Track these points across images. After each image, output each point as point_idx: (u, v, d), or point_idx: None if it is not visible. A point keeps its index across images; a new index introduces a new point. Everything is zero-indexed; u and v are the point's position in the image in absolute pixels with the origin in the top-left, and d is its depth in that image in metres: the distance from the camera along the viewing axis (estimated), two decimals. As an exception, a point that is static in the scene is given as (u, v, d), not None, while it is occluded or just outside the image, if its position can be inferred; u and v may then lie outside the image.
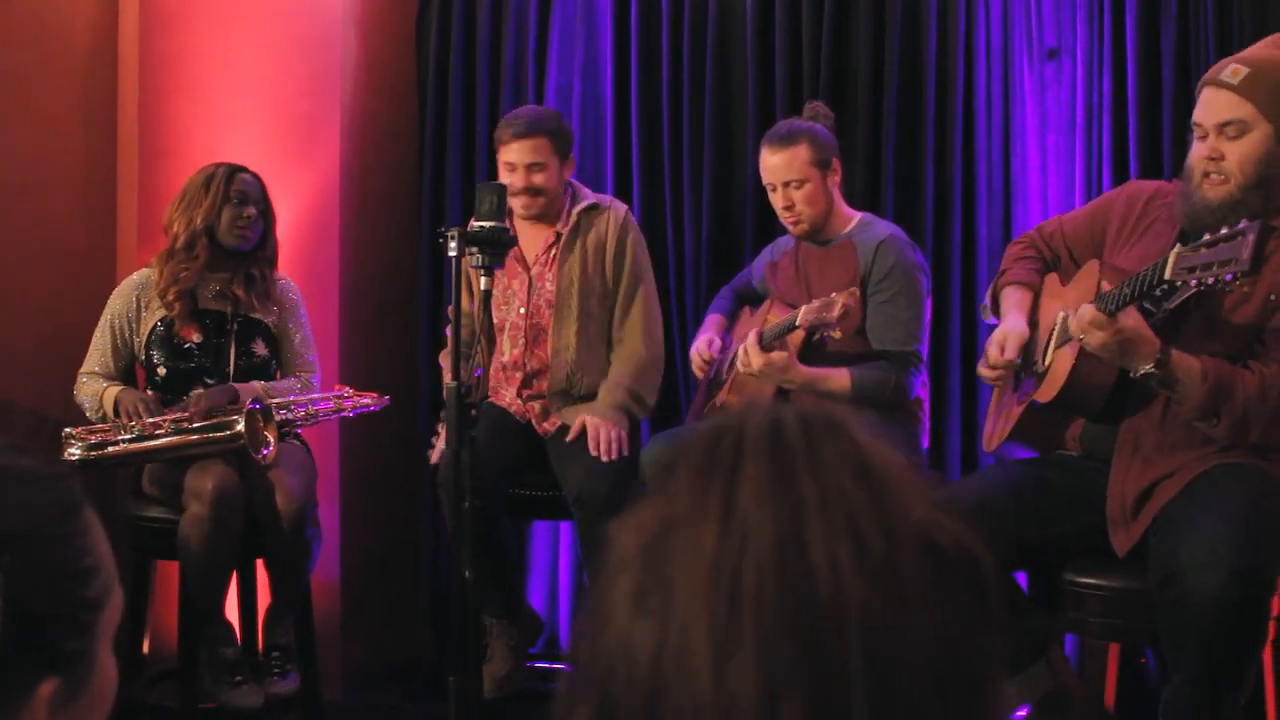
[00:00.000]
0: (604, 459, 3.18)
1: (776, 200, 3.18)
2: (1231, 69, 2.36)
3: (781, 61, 3.66)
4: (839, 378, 3.06)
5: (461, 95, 3.99)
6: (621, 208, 3.42)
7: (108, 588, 0.93)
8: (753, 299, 3.47)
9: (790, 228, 3.21)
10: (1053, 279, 2.72)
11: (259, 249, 3.24)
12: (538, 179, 3.28)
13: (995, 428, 2.76)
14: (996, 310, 2.75)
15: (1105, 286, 2.38)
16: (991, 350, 2.58)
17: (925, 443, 3.27)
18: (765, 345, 3.03)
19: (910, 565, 0.56)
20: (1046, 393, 2.50)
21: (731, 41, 3.76)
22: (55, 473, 0.92)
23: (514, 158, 3.28)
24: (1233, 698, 2.22)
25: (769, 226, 3.49)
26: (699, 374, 3.39)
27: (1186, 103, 3.21)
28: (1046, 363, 2.54)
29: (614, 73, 3.88)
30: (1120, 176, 3.32)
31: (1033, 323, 2.66)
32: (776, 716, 0.52)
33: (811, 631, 0.53)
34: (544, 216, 3.36)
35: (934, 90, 3.55)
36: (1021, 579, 2.71)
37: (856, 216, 3.25)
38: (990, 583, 0.60)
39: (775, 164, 3.14)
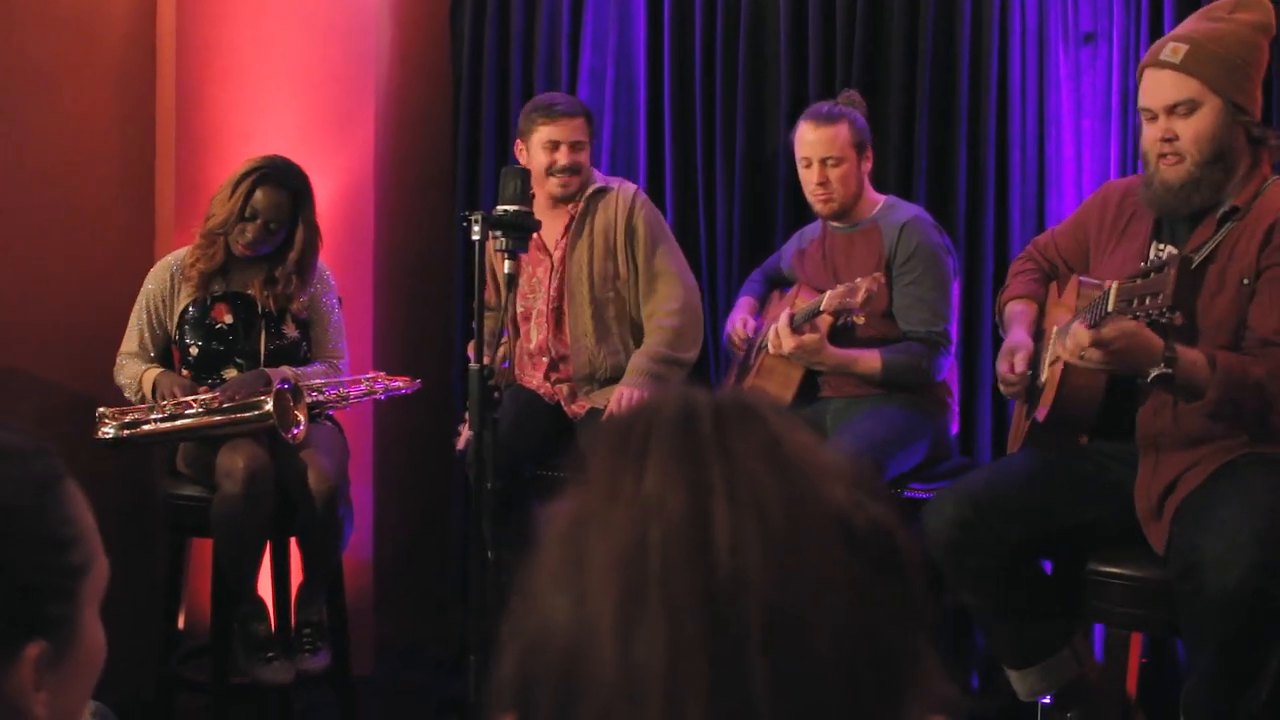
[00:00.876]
0: None
1: (810, 176, 3.18)
2: (1171, 48, 2.35)
3: (815, 45, 3.64)
4: (869, 359, 3.07)
5: (495, 80, 4.01)
6: (630, 188, 3.43)
7: (90, 556, 0.98)
8: (782, 283, 3.47)
9: (819, 205, 3.20)
10: (1054, 288, 2.73)
11: (284, 250, 3.25)
12: (581, 157, 3.36)
13: (1013, 438, 2.79)
14: (1003, 328, 2.76)
15: (1082, 303, 2.38)
16: (1002, 367, 2.60)
17: (954, 428, 3.26)
18: (795, 328, 3.03)
19: (817, 546, 0.56)
20: (1042, 410, 2.52)
21: (765, 25, 3.75)
22: (36, 449, 0.97)
23: (559, 136, 3.33)
24: (1253, 690, 2.20)
25: (801, 209, 3.48)
26: (738, 351, 3.40)
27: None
28: (1043, 379, 2.55)
29: (647, 57, 3.89)
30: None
31: (1039, 332, 2.68)
32: (679, 691, 0.53)
33: (713, 608, 0.54)
34: (568, 200, 3.39)
35: (968, 74, 3.52)
36: (1047, 567, 2.70)
37: (882, 200, 3.25)
38: (912, 569, 0.60)
39: (816, 139, 3.14)
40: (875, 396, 3.13)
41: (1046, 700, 2.62)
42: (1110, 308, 2.12)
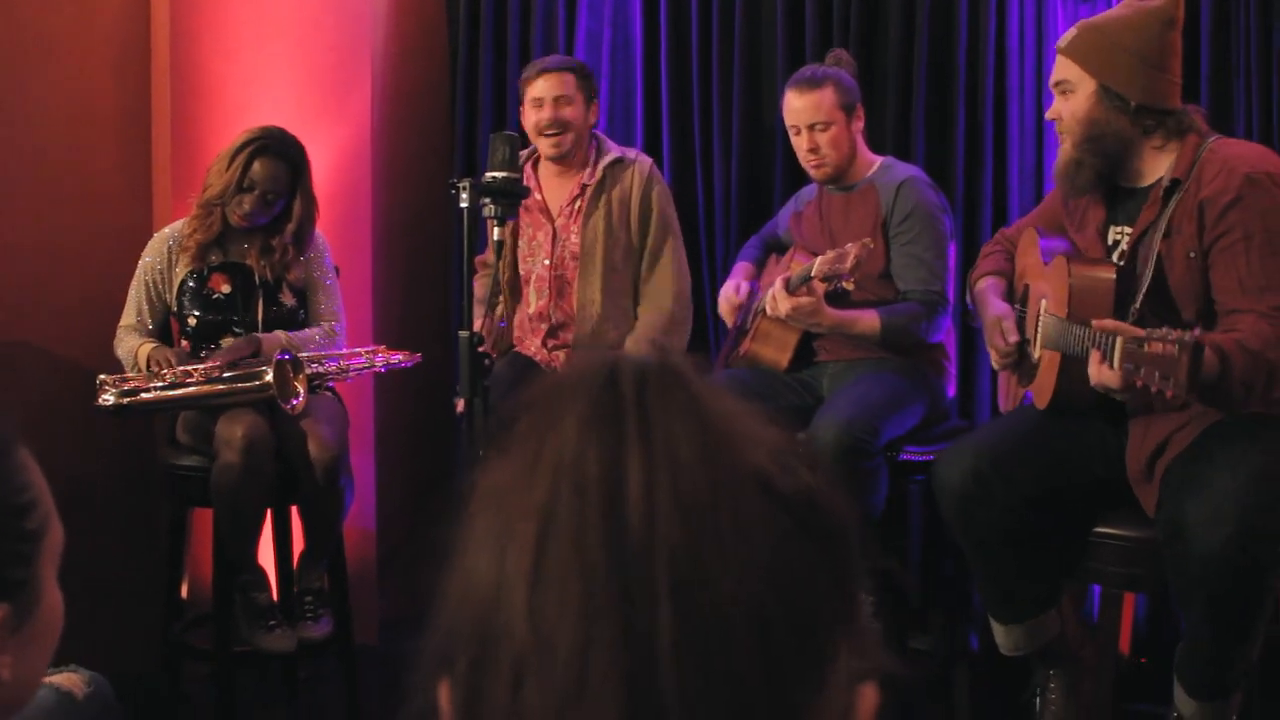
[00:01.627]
0: None
1: (801, 143, 3.16)
2: (1069, 32, 2.45)
3: (811, 4, 3.61)
4: (868, 319, 3.06)
5: (493, 46, 3.99)
6: (647, 161, 3.44)
7: (46, 519, 0.99)
8: (780, 249, 3.46)
9: (813, 171, 3.19)
10: (1023, 257, 2.71)
11: (281, 221, 3.25)
12: (565, 112, 3.35)
13: (1004, 398, 2.79)
14: (975, 303, 2.77)
15: (1076, 271, 2.39)
16: (995, 339, 2.58)
17: (951, 390, 3.25)
18: (791, 290, 3.02)
19: (731, 504, 0.56)
20: (1041, 399, 2.52)
21: (761, -15, 3.72)
22: None
23: (541, 92, 3.34)
24: (1242, 650, 2.21)
25: (798, 171, 3.46)
26: (727, 319, 3.39)
27: (1224, 44, 3.16)
28: (1037, 356, 2.54)
29: (643, 19, 3.86)
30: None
31: (1014, 300, 2.68)
32: (588, 643, 0.53)
33: (622, 561, 0.54)
34: (570, 161, 3.38)
35: (966, 32, 3.49)
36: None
37: (878, 161, 3.23)
38: (843, 535, 0.60)
39: (801, 106, 3.12)
40: (871, 360, 3.12)
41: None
42: (1116, 366, 2.10)
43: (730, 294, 3.34)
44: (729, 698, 0.53)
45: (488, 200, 2.45)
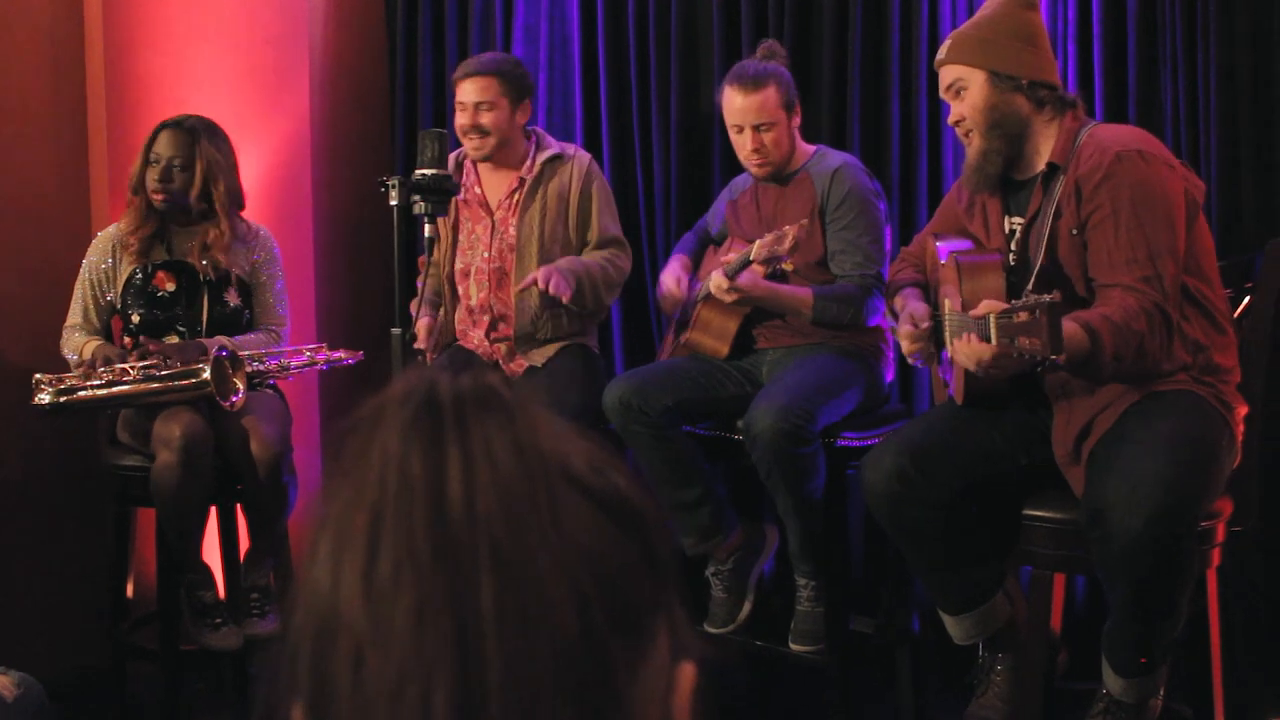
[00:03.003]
0: (540, 286, 3.22)
1: (744, 142, 3.18)
2: (942, 47, 2.60)
3: (747, -4, 3.64)
4: (802, 293, 3.08)
5: (431, 39, 4.00)
6: (586, 156, 3.45)
7: None
8: (716, 242, 3.49)
9: (755, 170, 3.22)
10: (934, 268, 2.77)
11: (194, 203, 3.25)
12: (484, 119, 3.33)
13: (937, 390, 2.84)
14: (897, 318, 2.81)
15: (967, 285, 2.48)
16: (906, 328, 2.63)
17: (890, 375, 3.29)
18: (730, 275, 3.05)
19: (548, 496, 0.61)
20: (959, 394, 2.58)
21: (697, -23, 3.74)
22: None
23: (464, 96, 3.34)
24: (1166, 626, 2.25)
25: (737, 164, 3.48)
26: (668, 309, 3.41)
27: (1151, 30, 3.20)
28: (950, 351, 2.58)
29: (581, 13, 3.87)
30: (1086, 104, 3.30)
31: (932, 307, 2.73)
32: (422, 625, 0.58)
33: (448, 547, 0.59)
34: (500, 160, 3.38)
35: (899, 19, 3.52)
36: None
37: (812, 150, 3.26)
38: (653, 529, 0.65)
39: (745, 106, 3.14)
40: (809, 345, 3.15)
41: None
42: (993, 341, 2.17)
43: (671, 287, 3.36)
44: (550, 664, 0.58)
45: (417, 198, 2.46)
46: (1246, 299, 2.61)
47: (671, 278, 3.38)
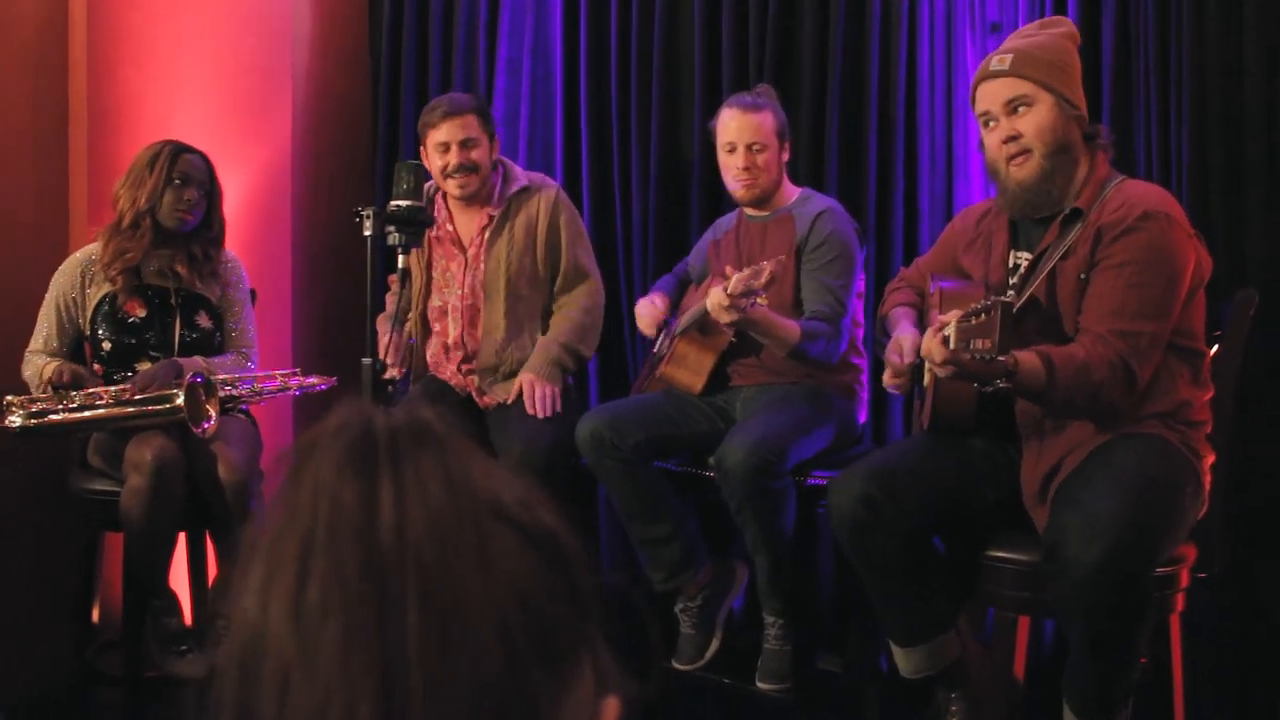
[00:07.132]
0: (539, 415, 3.23)
1: (735, 161, 3.21)
2: (998, 59, 2.50)
3: (728, 31, 3.67)
4: (791, 326, 3.09)
5: (415, 69, 4.01)
6: (553, 187, 3.45)
7: None
8: (695, 283, 3.51)
9: (741, 190, 3.24)
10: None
11: (202, 229, 3.27)
12: (474, 155, 3.34)
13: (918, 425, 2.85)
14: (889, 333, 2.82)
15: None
16: (893, 358, 2.63)
17: (863, 416, 3.30)
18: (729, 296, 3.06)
19: (476, 529, 0.62)
20: (925, 417, 2.59)
21: (679, 15, 3.78)
22: None
23: (447, 136, 3.32)
24: (1124, 666, 2.25)
25: (716, 200, 3.52)
26: (645, 327, 3.42)
27: (1126, 80, 3.24)
28: (927, 381, 2.61)
29: (563, 48, 3.90)
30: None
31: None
32: (348, 650, 0.59)
33: (376, 575, 0.60)
34: (477, 198, 3.39)
35: (878, 63, 3.56)
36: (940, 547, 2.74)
37: (798, 192, 3.31)
38: (578, 566, 0.66)
39: (743, 124, 3.19)
40: (783, 385, 3.17)
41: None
42: (952, 344, 2.18)
43: (647, 306, 3.39)
44: (473, 693, 0.59)
45: (392, 229, 2.47)
46: (1215, 346, 2.63)
47: (647, 301, 3.41)
